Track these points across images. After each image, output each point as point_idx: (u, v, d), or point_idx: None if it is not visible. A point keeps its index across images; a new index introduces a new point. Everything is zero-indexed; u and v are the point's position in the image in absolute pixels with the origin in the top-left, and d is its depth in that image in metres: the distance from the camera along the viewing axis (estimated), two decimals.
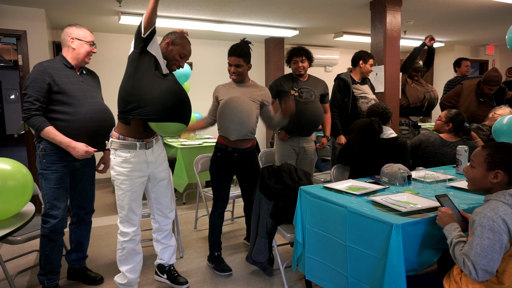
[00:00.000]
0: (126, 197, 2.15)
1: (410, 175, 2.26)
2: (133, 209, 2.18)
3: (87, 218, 2.57)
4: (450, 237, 1.53)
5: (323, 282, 2.03)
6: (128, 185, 2.14)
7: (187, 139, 4.81)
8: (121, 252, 2.24)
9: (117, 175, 2.14)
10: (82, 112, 2.25)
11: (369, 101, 3.46)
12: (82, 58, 2.32)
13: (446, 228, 1.57)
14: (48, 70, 2.20)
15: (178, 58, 2.18)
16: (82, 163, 2.40)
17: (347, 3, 4.30)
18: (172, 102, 2.00)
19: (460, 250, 1.46)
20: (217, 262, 2.74)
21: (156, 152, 2.28)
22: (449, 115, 2.90)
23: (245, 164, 2.69)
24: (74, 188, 2.45)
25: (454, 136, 2.90)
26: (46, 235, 2.28)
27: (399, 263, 1.53)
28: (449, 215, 1.60)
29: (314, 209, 2.05)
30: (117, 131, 2.14)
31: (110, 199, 4.87)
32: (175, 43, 2.16)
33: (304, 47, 3.12)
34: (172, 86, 2.04)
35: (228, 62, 2.63)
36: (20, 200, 1.87)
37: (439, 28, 5.84)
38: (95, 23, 5.03)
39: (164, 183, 2.35)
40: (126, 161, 2.12)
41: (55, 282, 2.39)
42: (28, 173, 1.94)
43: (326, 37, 6.36)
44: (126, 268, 2.26)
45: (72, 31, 2.31)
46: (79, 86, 2.30)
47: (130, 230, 2.20)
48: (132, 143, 2.12)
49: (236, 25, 5.17)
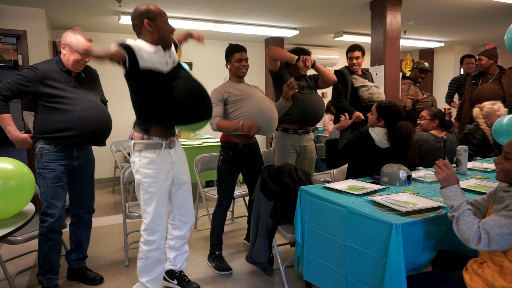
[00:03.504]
0: (153, 201, 2.02)
1: (410, 175, 2.26)
2: (160, 213, 2.05)
3: (87, 218, 2.56)
4: (457, 200, 1.47)
5: (321, 282, 2.03)
6: (156, 187, 2.02)
7: (187, 139, 4.81)
8: (144, 262, 2.08)
9: (143, 178, 2.01)
10: (76, 110, 2.24)
11: (369, 88, 3.51)
12: (71, 65, 2.28)
13: (451, 189, 1.51)
14: (40, 76, 2.19)
15: (168, 27, 1.99)
16: (80, 162, 2.39)
17: (347, 3, 4.30)
18: (192, 105, 1.91)
19: (478, 221, 1.40)
20: (218, 261, 2.75)
21: (178, 151, 2.21)
22: (432, 113, 3.05)
23: (253, 158, 2.79)
24: (73, 188, 2.45)
25: (441, 131, 3.04)
26: (44, 234, 2.28)
27: (399, 263, 1.52)
28: (454, 173, 1.54)
29: (314, 209, 2.05)
30: (139, 131, 2.02)
31: (110, 199, 4.87)
32: (152, 18, 1.94)
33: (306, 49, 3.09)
34: (187, 85, 1.95)
35: (239, 58, 2.69)
36: (21, 199, 1.87)
37: (439, 28, 5.84)
38: (95, 23, 5.03)
39: (186, 186, 2.27)
40: (153, 162, 2.01)
41: (54, 282, 2.39)
42: (30, 173, 1.94)
43: (326, 37, 6.36)
44: (147, 279, 2.09)
45: (66, 37, 2.27)
46: (71, 90, 2.28)
47: (156, 237, 2.05)
48: (158, 143, 2.02)
49: (236, 25, 5.17)
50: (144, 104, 1.98)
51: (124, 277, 2.66)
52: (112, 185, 5.49)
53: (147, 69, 1.89)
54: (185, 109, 1.92)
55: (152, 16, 1.94)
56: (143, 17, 1.94)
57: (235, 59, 2.71)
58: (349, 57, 3.62)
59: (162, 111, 1.93)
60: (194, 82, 2.00)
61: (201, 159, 3.41)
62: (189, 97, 1.92)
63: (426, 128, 3.06)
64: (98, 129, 2.33)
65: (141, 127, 2.01)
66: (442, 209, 1.74)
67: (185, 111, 1.92)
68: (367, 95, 3.48)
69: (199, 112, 1.96)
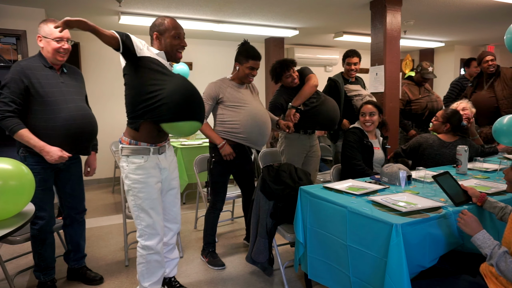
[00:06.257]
0: (145, 206, 1.99)
1: (410, 175, 2.26)
2: (154, 217, 2.02)
3: (80, 218, 2.54)
4: (488, 247, 1.41)
5: (326, 281, 2.03)
6: (146, 192, 1.99)
7: (187, 139, 4.81)
8: (145, 266, 2.05)
9: (133, 184, 1.98)
10: (61, 118, 2.16)
11: (363, 97, 3.50)
12: (52, 56, 2.20)
13: (478, 237, 1.45)
14: (25, 70, 2.11)
15: (176, 42, 2.01)
16: (66, 163, 2.33)
17: (347, 3, 4.30)
18: (184, 98, 1.84)
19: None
20: (211, 256, 2.80)
21: (169, 157, 2.17)
22: (446, 115, 2.86)
23: (244, 159, 2.78)
24: (62, 190, 2.42)
25: (452, 136, 2.87)
26: (36, 236, 2.29)
27: (400, 263, 1.52)
28: (475, 220, 1.51)
29: (315, 209, 2.05)
30: (128, 136, 1.99)
31: (110, 199, 4.87)
32: (162, 31, 1.99)
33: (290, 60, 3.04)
34: (182, 82, 1.90)
35: (252, 67, 2.61)
36: (21, 199, 1.86)
37: (439, 28, 5.84)
38: (95, 23, 4.99)
39: (174, 192, 2.23)
40: (140, 167, 1.98)
41: (52, 276, 2.41)
42: (29, 173, 1.94)
43: (326, 37, 6.36)
44: (150, 282, 2.07)
45: (40, 29, 2.19)
46: (59, 88, 2.21)
47: (154, 242, 2.03)
48: (145, 148, 1.98)
49: (236, 25, 5.17)
50: (137, 97, 1.89)
51: (124, 277, 2.66)
52: (112, 185, 5.49)
53: (144, 58, 1.87)
54: (179, 101, 1.83)
55: (161, 30, 1.99)
56: (154, 30, 2.01)
57: (248, 66, 2.62)
58: (346, 62, 3.60)
59: (153, 104, 1.84)
60: (190, 83, 1.97)
61: (201, 159, 3.41)
62: (184, 92, 1.85)
63: (436, 130, 2.93)
64: (81, 139, 2.27)
65: (131, 126, 1.96)
66: (442, 209, 1.74)
67: (179, 102, 1.83)
68: (361, 104, 3.47)
69: (192, 110, 1.88)
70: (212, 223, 2.81)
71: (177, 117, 1.84)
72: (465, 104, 3.20)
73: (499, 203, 1.72)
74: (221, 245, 3.19)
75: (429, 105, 4.03)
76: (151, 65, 1.89)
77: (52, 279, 2.41)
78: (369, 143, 2.76)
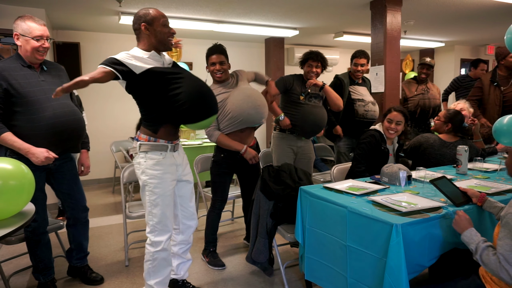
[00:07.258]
0: (159, 202, 2.01)
1: (410, 175, 2.26)
2: (167, 214, 2.05)
3: (83, 218, 2.51)
4: (474, 242, 1.49)
5: (322, 282, 2.03)
6: (162, 188, 2.01)
7: (187, 139, 4.81)
8: (152, 263, 2.05)
9: (149, 179, 2.00)
10: (45, 117, 2.11)
11: (366, 104, 3.47)
12: (31, 55, 2.13)
13: (466, 234, 1.54)
14: (1, 73, 2.04)
15: (166, 30, 1.96)
16: (57, 163, 2.28)
17: (347, 3, 4.30)
18: (203, 98, 1.92)
19: (494, 253, 1.40)
20: (211, 256, 2.80)
21: (181, 154, 2.21)
22: (448, 115, 2.87)
23: (247, 162, 2.71)
24: (60, 190, 2.39)
25: (453, 136, 2.87)
26: (31, 237, 2.28)
27: (399, 263, 1.53)
28: (466, 219, 1.57)
29: (314, 209, 2.05)
30: (145, 133, 2.02)
31: (110, 199, 4.86)
32: (150, 21, 1.92)
33: (322, 54, 3.10)
34: (194, 82, 1.94)
35: (211, 62, 2.61)
36: (20, 199, 1.86)
37: (439, 28, 5.84)
38: (95, 23, 5.03)
39: (190, 187, 2.26)
40: (159, 163, 2.00)
41: (51, 277, 2.41)
42: (29, 173, 1.93)
43: (326, 37, 6.36)
44: (156, 281, 2.07)
45: (16, 26, 2.10)
46: (40, 87, 2.14)
47: (164, 238, 2.04)
48: (164, 145, 2.02)
49: (236, 25, 5.17)
50: (152, 112, 1.97)
51: (124, 277, 2.66)
52: (112, 185, 5.49)
53: (146, 72, 1.86)
54: (193, 108, 1.89)
55: (149, 20, 1.92)
56: (141, 21, 1.93)
57: (209, 63, 2.64)
58: (354, 63, 3.57)
59: (170, 114, 1.93)
60: (196, 79, 1.99)
61: (201, 159, 3.41)
62: (195, 96, 1.89)
63: (438, 129, 2.94)
64: (68, 137, 2.23)
65: (149, 128, 2.01)
66: (442, 209, 1.74)
67: (193, 110, 1.90)
68: (362, 111, 3.45)
69: (207, 109, 1.95)
70: (213, 222, 2.82)
71: (201, 117, 1.93)
72: (462, 104, 3.20)
73: (499, 203, 1.73)
74: (221, 245, 3.19)
75: (421, 102, 4.00)
76: (155, 75, 1.89)
77: (52, 279, 2.41)
78: (386, 150, 2.71)
